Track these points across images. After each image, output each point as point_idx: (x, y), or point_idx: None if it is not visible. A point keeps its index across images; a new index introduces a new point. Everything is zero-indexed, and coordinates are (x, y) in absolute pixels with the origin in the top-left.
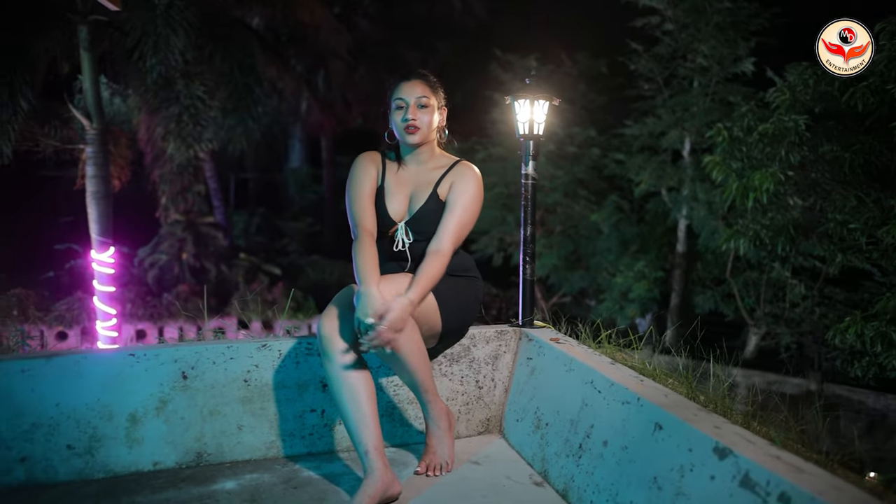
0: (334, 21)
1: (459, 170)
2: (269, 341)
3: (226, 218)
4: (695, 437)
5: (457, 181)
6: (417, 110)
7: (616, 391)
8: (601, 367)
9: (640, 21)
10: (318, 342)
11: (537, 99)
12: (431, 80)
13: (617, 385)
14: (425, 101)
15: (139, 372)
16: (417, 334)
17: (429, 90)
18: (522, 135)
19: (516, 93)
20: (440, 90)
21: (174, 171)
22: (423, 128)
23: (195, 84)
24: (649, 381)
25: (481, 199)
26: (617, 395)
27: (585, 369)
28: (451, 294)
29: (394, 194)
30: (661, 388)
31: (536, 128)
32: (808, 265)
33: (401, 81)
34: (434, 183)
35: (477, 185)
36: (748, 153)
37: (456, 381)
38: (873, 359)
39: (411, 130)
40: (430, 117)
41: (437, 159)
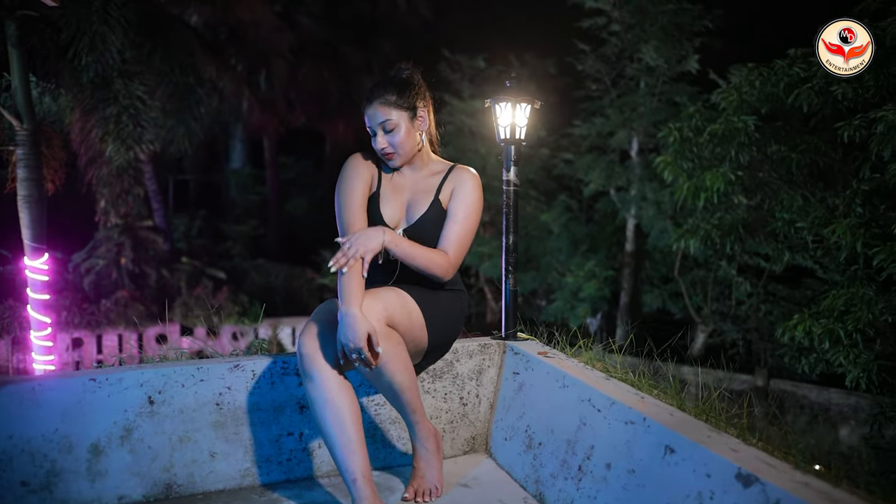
0: (275, 19)
1: (459, 175)
2: (241, 361)
3: (166, 221)
4: (712, 461)
5: (458, 188)
6: (386, 135)
7: (618, 410)
8: (597, 383)
9: (586, 22)
10: (299, 362)
11: (519, 102)
12: (389, 97)
13: (618, 404)
14: (390, 124)
15: (101, 398)
16: (405, 352)
17: (390, 109)
18: (504, 139)
19: (496, 95)
20: (409, 95)
21: (113, 174)
22: (398, 150)
23: (134, 83)
24: (651, 399)
25: (482, 204)
26: (619, 415)
27: (581, 386)
28: (437, 308)
29: (389, 200)
30: (664, 406)
31: (518, 132)
32: (753, 263)
33: (364, 105)
34: (435, 189)
35: (478, 192)
36: (699, 153)
37: (439, 399)
38: (821, 355)
39: (388, 157)
40: (401, 136)
41: (433, 164)
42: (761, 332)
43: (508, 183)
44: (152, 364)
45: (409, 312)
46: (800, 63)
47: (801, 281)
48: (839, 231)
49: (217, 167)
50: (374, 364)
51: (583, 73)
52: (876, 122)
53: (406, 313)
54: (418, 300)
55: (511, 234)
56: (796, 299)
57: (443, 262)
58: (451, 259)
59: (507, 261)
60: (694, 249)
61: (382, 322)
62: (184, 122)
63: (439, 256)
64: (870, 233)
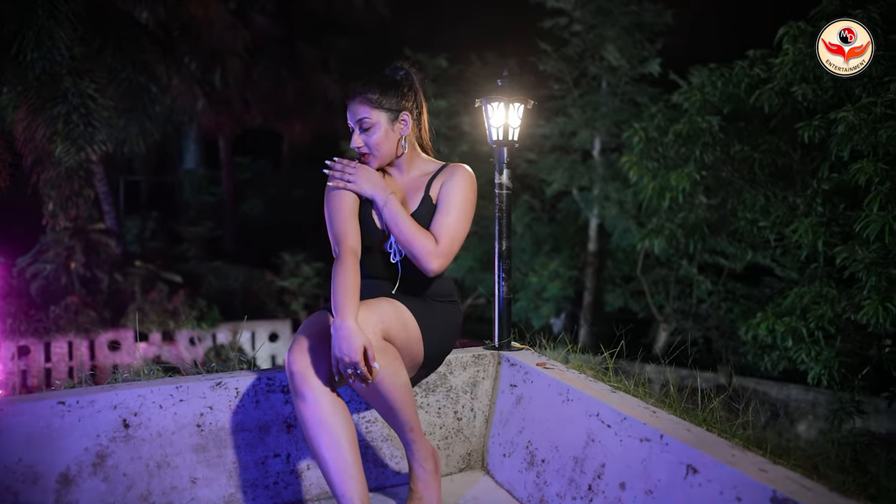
0: (230, 17)
1: (450, 170)
2: (224, 378)
3: (117, 223)
4: (742, 483)
5: (448, 181)
6: (362, 134)
7: (630, 426)
8: (604, 396)
9: (548, 22)
10: (289, 380)
11: (512, 101)
12: (371, 95)
13: (630, 419)
14: (367, 122)
15: (71, 423)
16: (402, 367)
17: (369, 107)
18: (496, 141)
19: (488, 95)
20: (393, 96)
21: (62, 175)
22: (373, 151)
23: (85, 81)
24: (664, 413)
25: (475, 201)
26: (632, 431)
27: (587, 400)
28: (433, 321)
29: None
30: (679, 422)
31: (511, 133)
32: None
33: (347, 102)
34: (425, 187)
35: (470, 183)
36: (664, 153)
37: (433, 413)
38: (783, 353)
39: (364, 158)
40: (378, 137)
41: (423, 165)
42: (722, 329)
43: (501, 186)
44: (127, 383)
45: (405, 325)
46: (759, 64)
47: (759, 279)
48: (801, 230)
49: (169, 168)
50: (371, 380)
51: (545, 73)
52: (836, 123)
53: (402, 325)
54: (414, 312)
55: (504, 239)
56: (755, 297)
57: (430, 246)
58: (440, 247)
59: (500, 267)
60: (658, 249)
61: (378, 335)
62: (137, 121)
63: (428, 239)
64: (830, 231)
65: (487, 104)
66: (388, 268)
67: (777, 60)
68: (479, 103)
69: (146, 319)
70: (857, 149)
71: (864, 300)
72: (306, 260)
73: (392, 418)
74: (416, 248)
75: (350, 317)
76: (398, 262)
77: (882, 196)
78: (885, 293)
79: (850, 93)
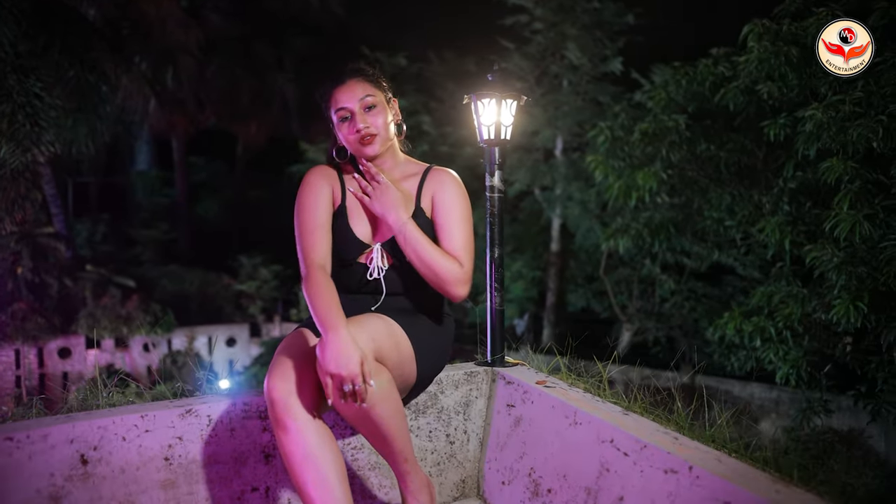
0: (182, 14)
1: (438, 177)
2: (194, 405)
3: (67, 227)
4: None
5: (441, 193)
6: (366, 114)
7: (651, 455)
8: (617, 419)
9: (509, 19)
10: (269, 409)
11: (505, 98)
12: (370, 72)
13: (651, 447)
14: (371, 99)
15: (20, 461)
16: (396, 391)
17: (371, 86)
18: (487, 140)
19: (478, 90)
20: (383, 81)
21: (7, 177)
22: (380, 132)
23: (30, 80)
24: (686, 440)
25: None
26: (654, 461)
27: (598, 423)
28: (426, 338)
29: (359, 214)
30: (706, 450)
31: (504, 131)
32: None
33: (334, 88)
34: (414, 197)
35: (464, 192)
36: (630, 152)
37: (424, 437)
38: (750, 352)
39: (368, 140)
40: (384, 117)
41: (404, 166)
42: (685, 328)
43: (493, 189)
44: (85, 413)
45: (396, 343)
46: (724, 62)
47: (721, 278)
48: (768, 229)
49: (120, 169)
50: (364, 401)
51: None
52: (803, 121)
53: (394, 344)
54: (405, 328)
55: (496, 246)
56: (717, 296)
57: (457, 271)
58: (465, 270)
59: (492, 276)
60: (623, 249)
61: (370, 355)
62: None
63: (452, 263)
64: (796, 230)
65: (477, 101)
66: (368, 283)
67: (741, 58)
68: (467, 99)
69: (98, 325)
70: (825, 147)
71: (834, 300)
72: (264, 263)
73: (384, 447)
74: (442, 274)
75: (341, 326)
76: (381, 278)
77: (852, 194)
78: (855, 292)
79: (815, 91)
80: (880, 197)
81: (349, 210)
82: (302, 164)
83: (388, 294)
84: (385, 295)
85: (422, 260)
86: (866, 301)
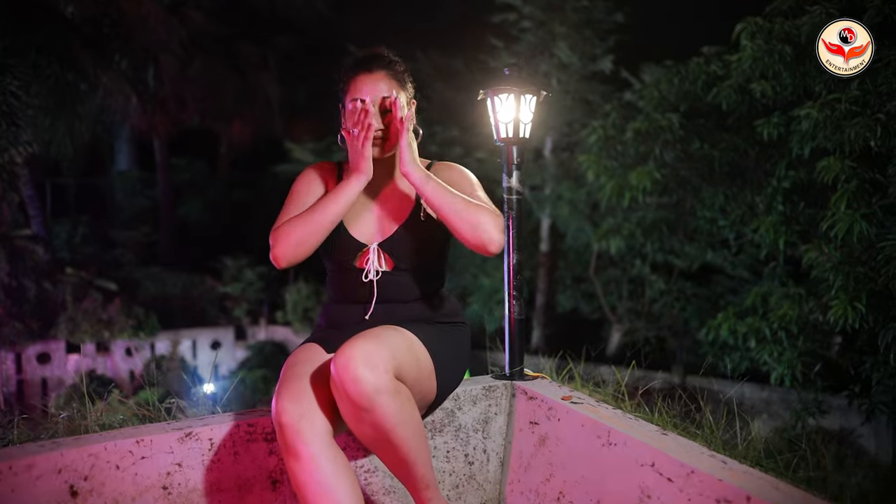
0: (164, 12)
1: (443, 166)
2: (194, 427)
3: (45, 228)
4: None
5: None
6: (382, 116)
7: (701, 483)
8: (656, 440)
9: (497, 17)
10: (279, 434)
11: (524, 93)
12: (398, 68)
13: (699, 473)
14: (391, 100)
15: (3, 494)
16: (417, 412)
17: (396, 84)
18: (504, 138)
19: (496, 86)
20: (408, 78)
21: None
22: (391, 137)
23: (7, 78)
24: (735, 463)
25: None
26: (704, 489)
27: (636, 445)
28: (445, 350)
29: (357, 213)
30: (760, 476)
31: (523, 129)
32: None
33: (358, 71)
34: (415, 194)
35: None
36: (623, 151)
37: (441, 458)
38: (744, 353)
39: (375, 143)
40: (401, 118)
41: None
42: (675, 328)
43: (510, 191)
44: (74, 439)
45: (416, 358)
46: (716, 61)
47: (710, 278)
48: (763, 229)
49: (100, 169)
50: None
51: (495, 70)
52: (798, 120)
53: (414, 359)
54: (424, 340)
55: (514, 252)
56: (706, 296)
57: (492, 214)
58: (499, 215)
59: (510, 285)
60: (616, 249)
61: (391, 374)
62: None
63: (485, 208)
64: (791, 230)
65: (494, 96)
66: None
67: (734, 57)
68: (482, 95)
69: (78, 330)
70: (821, 146)
71: (832, 300)
72: (249, 264)
73: (405, 473)
74: (477, 219)
75: None
76: (374, 280)
77: (849, 194)
78: (853, 293)
79: (809, 90)
80: (877, 196)
81: None
82: (287, 163)
83: (397, 301)
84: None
85: (454, 208)
86: (864, 302)
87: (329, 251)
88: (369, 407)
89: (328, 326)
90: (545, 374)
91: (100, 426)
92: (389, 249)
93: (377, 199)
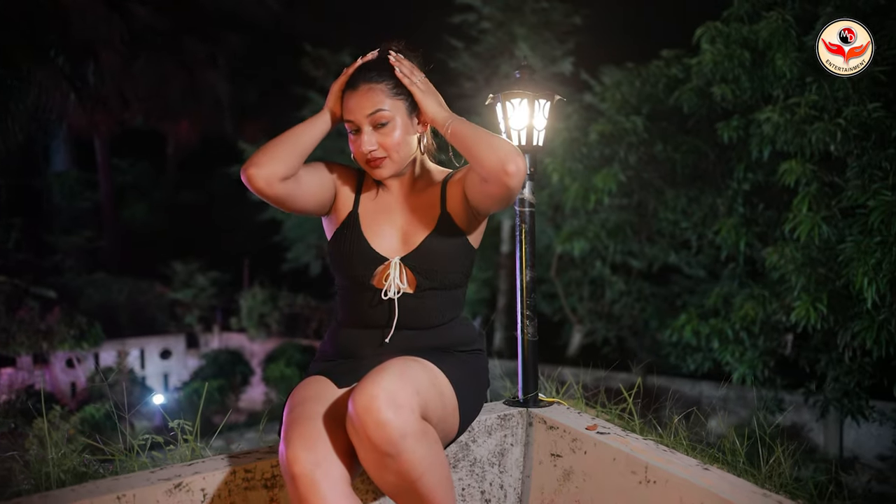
0: (103, 6)
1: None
2: (184, 476)
3: None
4: None
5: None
6: (375, 133)
7: None
8: (699, 475)
9: (457, 17)
10: (289, 483)
11: (538, 98)
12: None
13: None
14: (385, 115)
15: None
16: (443, 453)
17: (386, 95)
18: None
19: (506, 90)
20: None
21: None
22: (391, 154)
23: None
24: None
25: None
26: None
27: (678, 482)
28: (467, 382)
29: (377, 224)
30: None
31: (536, 137)
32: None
33: (346, 91)
34: (439, 201)
35: None
36: (588, 154)
37: (457, 497)
38: (707, 354)
39: (375, 164)
40: (398, 134)
41: (430, 175)
42: (634, 328)
43: (523, 202)
44: (40, 496)
45: (441, 394)
46: (675, 64)
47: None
48: (724, 231)
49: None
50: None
51: (455, 71)
52: (758, 123)
53: (438, 395)
54: (446, 372)
55: (528, 268)
56: (664, 296)
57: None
58: None
59: (524, 304)
60: (580, 251)
61: (417, 414)
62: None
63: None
64: (751, 232)
65: (505, 101)
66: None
67: (694, 60)
68: (490, 100)
69: (13, 341)
70: (781, 149)
71: (794, 301)
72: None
73: None
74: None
75: None
76: (395, 298)
77: (810, 197)
78: (814, 294)
79: (767, 94)
80: (836, 199)
81: (362, 219)
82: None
83: (418, 328)
84: (415, 329)
85: (476, 133)
86: (825, 303)
87: (344, 264)
88: (395, 453)
89: (337, 354)
90: (561, 399)
91: (62, 473)
92: (413, 264)
93: (396, 210)
